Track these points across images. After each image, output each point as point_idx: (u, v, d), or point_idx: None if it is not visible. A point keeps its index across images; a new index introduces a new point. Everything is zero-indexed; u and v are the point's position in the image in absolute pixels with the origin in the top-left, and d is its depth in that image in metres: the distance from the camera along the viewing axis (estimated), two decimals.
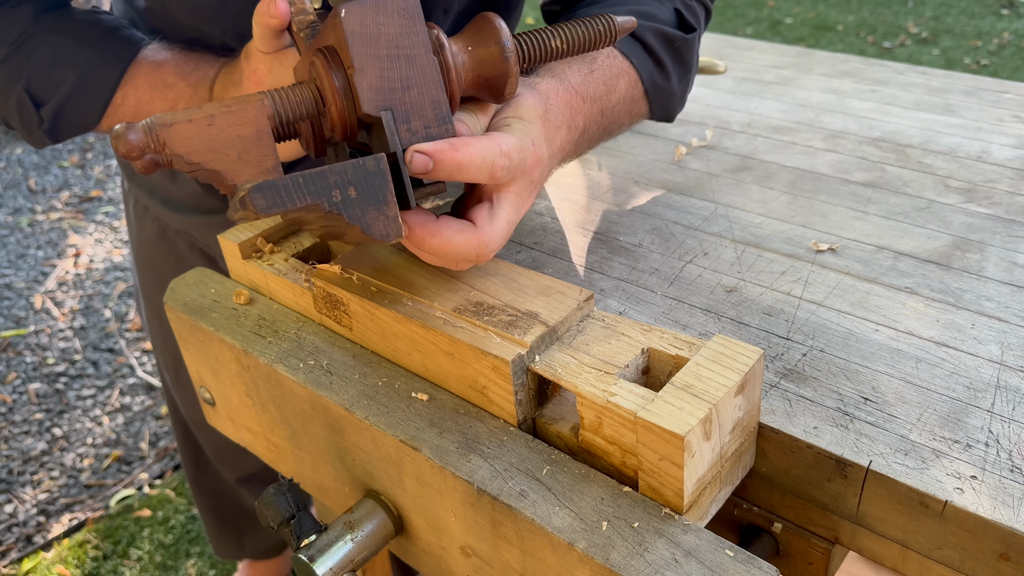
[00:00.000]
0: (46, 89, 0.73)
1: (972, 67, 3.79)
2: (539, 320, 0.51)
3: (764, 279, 0.66)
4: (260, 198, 0.42)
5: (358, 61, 0.45)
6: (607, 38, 0.55)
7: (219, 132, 0.43)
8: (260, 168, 0.45)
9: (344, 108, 0.47)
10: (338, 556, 0.53)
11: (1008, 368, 0.54)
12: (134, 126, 0.42)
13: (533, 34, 0.53)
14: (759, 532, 0.55)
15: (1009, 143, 0.87)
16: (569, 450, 0.50)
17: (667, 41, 0.72)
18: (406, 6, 0.46)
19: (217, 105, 0.44)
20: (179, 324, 0.68)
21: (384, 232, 0.45)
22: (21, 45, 0.72)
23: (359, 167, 0.44)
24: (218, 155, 0.44)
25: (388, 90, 0.46)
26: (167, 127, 0.42)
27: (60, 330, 2.38)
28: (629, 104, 0.71)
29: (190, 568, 1.66)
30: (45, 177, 3.30)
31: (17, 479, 1.90)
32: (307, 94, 0.47)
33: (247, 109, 0.44)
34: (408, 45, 0.46)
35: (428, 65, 0.47)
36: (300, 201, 0.43)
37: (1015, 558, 0.44)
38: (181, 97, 0.72)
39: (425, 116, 0.47)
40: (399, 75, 0.46)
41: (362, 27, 0.45)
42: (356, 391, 0.55)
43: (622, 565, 0.41)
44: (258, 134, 0.44)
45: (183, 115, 0.43)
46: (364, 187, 0.44)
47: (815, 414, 0.51)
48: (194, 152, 0.43)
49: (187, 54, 0.73)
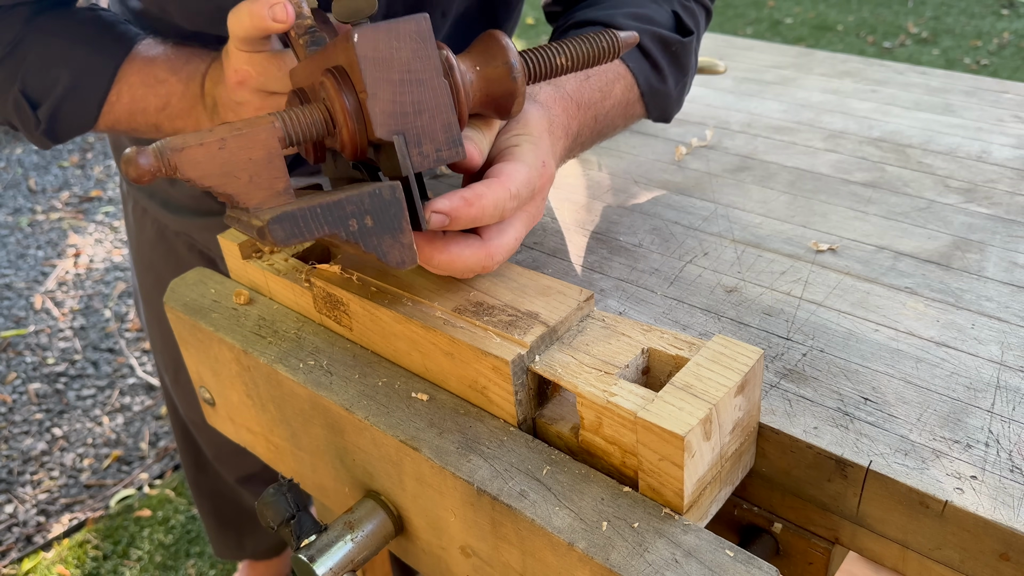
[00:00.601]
0: (41, 90, 0.72)
1: (972, 67, 3.79)
2: (539, 320, 0.51)
3: (764, 279, 0.66)
4: (279, 229, 0.41)
5: (371, 86, 0.45)
6: (611, 54, 0.55)
7: (231, 156, 0.43)
8: (271, 191, 0.44)
9: (355, 131, 0.47)
10: (338, 556, 0.53)
11: (1008, 368, 0.54)
12: (145, 150, 0.42)
13: (539, 52, 0.53)
14: (759, 532, 0.55)
15: (1009, 143, 0.87)
16: (569, 450, 0.50)
17: (664, 44, 0.73)
18: (419, 30, 0.46)
19: (228, 128, 0.43)
20: (179, 324, 0.68)
21: (399, 259, 0.45)
22: (16, 46, 0.71)
23: (376, 196, 0.44)
24: (230, 179, 0.43)
25: (400, 114, 0.46)
26: (178, 152, 0.42)
27: (60, 330, 2.38)
28: (624, 107, 0.71)
29: (190, 568, 1.66)
30: (45, 177, 3.30)
31: (17, 479, 1.90)
32: (318, 116, 0.47)
33: (258, 132, 0.44)
34: (420, 69, 0.46)
35: (440, 88, 0.47)
36: (318, 231, 0.43)
37: (1015, 558, 0.44)
38: (173, 92, 0.71)
39: (436, 139, 0.47)
40: (411, 99, 0.46)
41: (375, 52, 0.45)
42: (356, 391, 0.55)
43: (622, 565, 0.41)
44: (269, 157, 0.44)
45: (194, 138, 0.42)
46: (380, 216, 0.44)
47: (815, 414, 0.51)
48: (206, 176, 0.43)
49: (179, 49, 0.73)
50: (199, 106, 0.70)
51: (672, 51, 0.73)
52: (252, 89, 0.61)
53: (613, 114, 0.70)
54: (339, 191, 0.46)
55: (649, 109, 0.74)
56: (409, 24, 0.45)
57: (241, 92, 0.62)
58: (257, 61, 0.60)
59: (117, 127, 0.76)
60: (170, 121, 0.72)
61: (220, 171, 0.43)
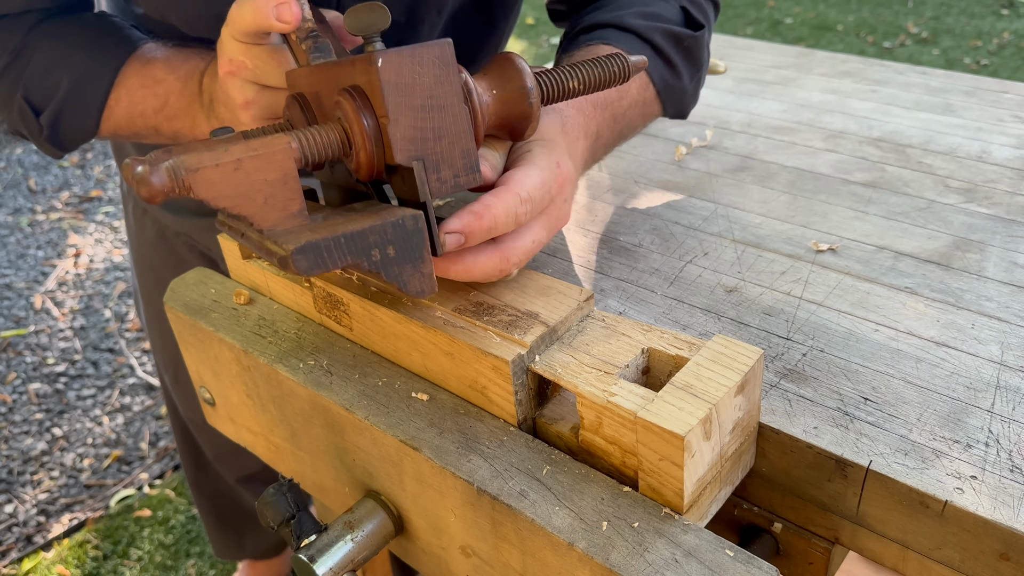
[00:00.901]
0: (43, 95, 0.72)
1: (972, 67, 3.79)
2: (539, 320, 0.51)
3: (764, 279, 0.66)
4: (303, 260, 0.41)
5: (392, 111, 0.45)
6: (621, 77, 0.56)
7: (246, 176, 0.43)
8: (286, 212, 0.44)
9: (373, 154, 0.47)
10: (338, 556, 0.53)
11: (1008, 368, 0.54)
12: (158, 169, 0.41)
13: (552, 75, 0.53)
14: (759, 532, 0.55)
15: (1009, 143, 0.87)
16: (569, 450, 0.50)
17: (676, 40, 0.72)
18: (442, 56, 0.45)
19: (244, 148, 0.43)
20: (179, 324, 0.68)
21: (419, 289, 0.45)
22: (20, 52, 0.71)
23: (399, 227, 0.43)
24: (245, 200, 0.43)
25: (420, 140, 0.46)
26: (193, 172, 0.41)
27: (60, 330, 2.38)
28: (642, 107, 0.71)
29: (190, 568, 1.66)
30: (45, 177, 3.30)
31: (17, 479, 1.90)
32: (335, 137, 0.47)
33: (274, 153, 0.43)
34: (442, 95, 0.46)
35: (460, 115, 0.46)
36: (341, 262, 0.42)
37: (1015, 558, 0.44)
38: (171, 91, 0.70)
39: (455, 165, 0.47)
40: (432, 124, 0.46)
41: (398, 77, 0.44)
42: (356, 391, 0.55)
43: (622, 565, 0.41)
44: (285, 178, 0.44)
45: (209, 159, 0.42)
46: (402, 246, 0.44)
47: (815, 414, 0.51)
48: (221, 197, 0.42)
49: (178, 49, 0.72)
50: (196, 104, 0.69)
51: (684, 46, 0.73)
52: (244, 81, 0.60)
53: (631, 114, 0.70)
54: (355, 216, 0.45)
55: (665, 106, 0.74)
56: (433, 49, 0.45)
57: (231, 82, 0.61)
58: (255, 53, 0.59)
59: (119, 132, 0.75)
60: (168, 122, 0.72)
61: (235, 192, 0.42)
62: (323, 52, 0.55)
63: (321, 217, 0.46)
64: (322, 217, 0.46)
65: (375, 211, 0.46)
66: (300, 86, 0.54)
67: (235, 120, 0.63)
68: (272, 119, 0.62)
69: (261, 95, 0.61)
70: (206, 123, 0.69)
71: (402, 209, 0.45)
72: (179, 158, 0.41)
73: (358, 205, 0.48)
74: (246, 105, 0.61)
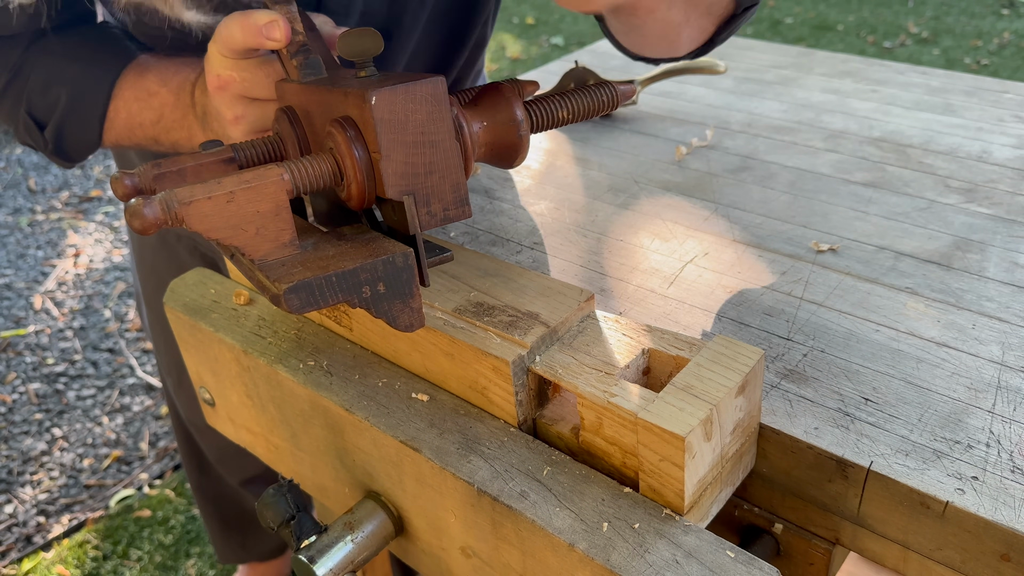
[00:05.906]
0: (44, 110, 0.72)
1: (972, 67, 3.79)
2: (539, 321, 0.51)
3: (764, 279, 0.66)
4: (295, 299, 0.42)
5: (385, 148, 0.45)
6: (610, 106, 0.56)
7: (238, 208, 0.43)
8: (277, 243, 0.45)
9: (365, 186, 0.47)
10: (338, 557, 0.53)
11: (1009, 368, 0.54)
12: (151, 201, 0.41)
13: (541, 105, 0.54)
14: (760, 533, 0.55)
15: (1010, 143, 0.87)
16: (570, 451, 0.50)
17: None
18: (435, 93, 0.46)
19: (236, 180, 0.43)
20: (179, 325, 0.68)
21: (408, 323, 0.46)
22: (20, 69, 0.71)
23: (389, 264, 0.44)
24: (237, 231, 0.43)
25: (412, 175, 0.46)
26: (186, 205, 0.42)
27: (60, 330, 2.38)
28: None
29: (190, 568, 1.66)
30: (45, 177, 3.30)
31: (17, 479, 1.90)
32: (326, 168, 0.47)
33: (266, 185, 0.44)
34: (434, 131, 0.46)
35: (451, 150, 0.47)
36: (332, 299, 0.43)
37: (1016, 559, 0.43)
38: (165, 104, 0.70)
39: (444, 199, 0.48)
40: (423, 160, 0.46)
41: (391, 114, 0.45)
42: (356, 392, 0.55)
43: (623, 566, 0.41)
44: (277, 209, 0.44)
45: (202, 191, 0.42)
46: (392, 282, 0.44)
47: (816, 415, 0.51)
48: (213, 229, 0.43)
49: (169, 60, 0.72)
50: (191, 115, 0.69)
51: None
52: (234, 95, 0.60)
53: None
54: (344, 247, 0.46)
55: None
56: (426, 87, 0.45)
57: (220, 97, 0.61)
58: (243, 67, 0.59)
59: (122, 143, 0.75)
60: (166, 134, 0.72)
61: (227, 224, 0.43)
62: (314, 69, 0.55)
63: (311, 244, 0.46)
64: (312, 244, 0.46)
65: (364, 242, 0.46)
66: (290, 100, 0.54)
67: (225, 134, 0.64)
68: (262, 132, 0.63)
69: (250, 109, 0.61)
70: (202, 134, 0.69)
71: (392, 243, 0.46)
72: (172, 191, 0.42)
73: (347, 230, 0.49)
74: (236, 120, 0.61)
